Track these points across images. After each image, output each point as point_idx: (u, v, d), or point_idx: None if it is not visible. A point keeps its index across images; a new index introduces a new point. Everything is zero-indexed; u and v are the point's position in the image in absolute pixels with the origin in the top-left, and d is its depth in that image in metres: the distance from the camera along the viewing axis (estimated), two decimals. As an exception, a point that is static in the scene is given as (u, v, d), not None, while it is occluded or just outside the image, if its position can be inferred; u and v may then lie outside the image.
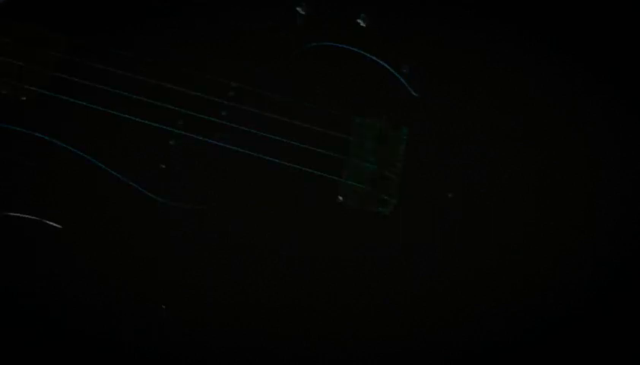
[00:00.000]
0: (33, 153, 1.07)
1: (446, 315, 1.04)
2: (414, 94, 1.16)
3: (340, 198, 1.09)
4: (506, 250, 1.08)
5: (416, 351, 1.02)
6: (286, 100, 1.13)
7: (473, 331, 1.03)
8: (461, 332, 1.03)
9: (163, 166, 1.09)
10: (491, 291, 1.05)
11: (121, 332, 1.02)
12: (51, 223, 1.04)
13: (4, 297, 1.02)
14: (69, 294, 1.02)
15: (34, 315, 1.02)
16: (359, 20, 1.18)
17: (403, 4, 1.21)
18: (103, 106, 1.09)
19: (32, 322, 1.02)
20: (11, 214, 1.04)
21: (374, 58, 1.16)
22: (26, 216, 1.04)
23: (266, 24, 1.18)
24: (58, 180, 1.06)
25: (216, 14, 1.17)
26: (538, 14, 1.23)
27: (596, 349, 1.04)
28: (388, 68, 1.16)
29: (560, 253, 1.08)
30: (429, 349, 1.03)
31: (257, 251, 1.05)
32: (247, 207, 1.08)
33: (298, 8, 1.18)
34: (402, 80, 1.16)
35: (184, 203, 1.07)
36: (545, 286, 1.07)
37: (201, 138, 1.10)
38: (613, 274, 1.08)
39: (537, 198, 1.12)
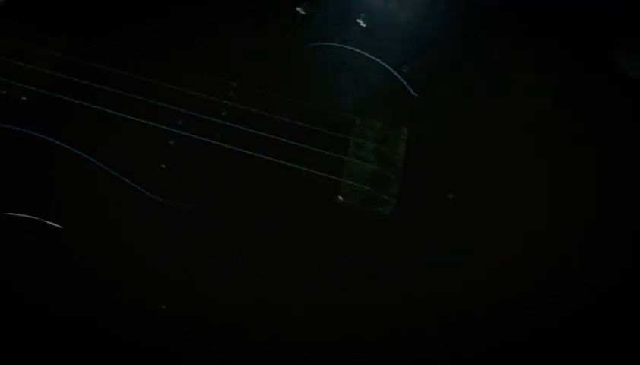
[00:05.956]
0: (33, 153, 1.07)
1: (446, 315, 1.04)
2: (414, 94, 1.16)
3: (340, 198, 1.09)
4: (506, 250, 1.08)
5: (416, 351, 1.02)
6: (287, 100, 1.13)
7: (473, 331, 1.03)
8: (461, 332, 1.03)
9: (163, 166, 1.09)
10: (491, 291, 1.05)
11: (122, 332, 1.02)
12: (51, 223, 1.04)
13: (5, 297, 1.02)
14: (69, 294, 1.02)
15: (34, 315, 1.02)
16: (359, 20, 1.18)
17: (403, 3, 1.21)
18: (103, 106, 1.09)
19: (32, 322, 1.02)
20: (11, 214, 1.04)
21: (374, 58, 1.16)
22: (26, 216, 1.04)
23: (266, 24, 1.18)
24: (58, 180, 1.06)
25: (216, 13, 1.18)
26: (539, 14, 1.23)
27: (596, 349, 1.04)
28: (388, 68, 1.16)
29: (560, 253, 1.08)
30: (429, 349, 1.03)
31: (257, 251, 1.05)
32: (247, 207, 1.07)
33: (298, 8, 1.18)
34: (402, 80, 1.16)
35: (184, 203, 1.07)
36: (546, 286, 1.06)
37: (201, 138, 1.10)
38: (612, 274, 1.08)
39: (537, 198, 1.12)
